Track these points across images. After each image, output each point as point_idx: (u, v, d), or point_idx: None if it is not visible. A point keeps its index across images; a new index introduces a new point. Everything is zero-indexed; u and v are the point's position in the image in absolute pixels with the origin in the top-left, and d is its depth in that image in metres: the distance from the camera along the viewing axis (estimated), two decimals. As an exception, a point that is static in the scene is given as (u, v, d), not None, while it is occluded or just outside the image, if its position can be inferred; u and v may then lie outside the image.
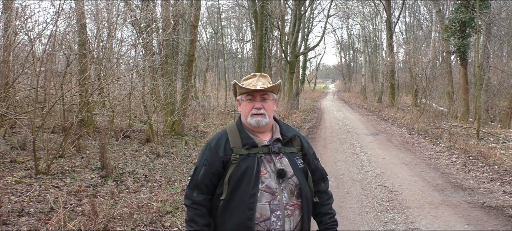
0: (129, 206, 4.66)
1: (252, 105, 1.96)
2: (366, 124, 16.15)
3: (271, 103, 2.00)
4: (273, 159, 1.91)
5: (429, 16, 29.92)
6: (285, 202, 1.86)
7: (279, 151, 1.94)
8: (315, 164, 2.09)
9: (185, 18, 14.71)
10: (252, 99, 1.97)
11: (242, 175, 1.85)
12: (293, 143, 2.03)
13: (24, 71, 6.92)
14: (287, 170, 1.89)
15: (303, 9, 23.61)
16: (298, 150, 2.02)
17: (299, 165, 1.96)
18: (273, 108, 2.02)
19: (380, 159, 8.56)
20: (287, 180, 1.88)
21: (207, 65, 30.56)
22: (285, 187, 1.87)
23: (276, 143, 1.97)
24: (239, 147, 1.91)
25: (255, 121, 1.94)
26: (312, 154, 2.09)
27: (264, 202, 1.83)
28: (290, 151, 1.98)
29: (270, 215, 1.83)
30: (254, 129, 1.98)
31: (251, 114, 1.95)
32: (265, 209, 1.83)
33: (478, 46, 13.44)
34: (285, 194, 1.87)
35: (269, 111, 1.97)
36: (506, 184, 6.47)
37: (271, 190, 1.85)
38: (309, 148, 2.08)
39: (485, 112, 15.76)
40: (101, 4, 11.56)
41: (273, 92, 2.02)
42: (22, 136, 7.52)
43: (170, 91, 10.74)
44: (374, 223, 4.78)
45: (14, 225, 3.90)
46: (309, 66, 52.99)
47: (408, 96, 29.19)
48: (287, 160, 1.93)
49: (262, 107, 1.95)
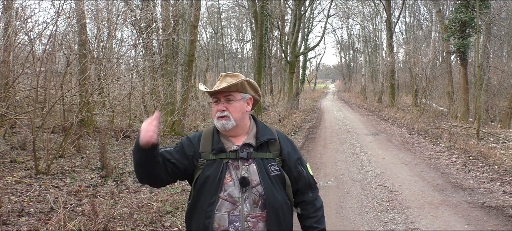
0: (129, 206, 4.66)
1: (217, 108, 1.84)
2: (366, 124, 16.15)
3: (239, 104, 1.84)
4: (240, 165, 1.78)
5: (429, 16, 29.95)
6: (246, 213, 1.72)
7: (248, 157, 1.79)
8: (299, 171, 1.88)
9: (185, 18, 14.69)
10: (217, 102, 1.85)
11: (204, 181, 1.76)
12: (270, 147, 1.85)
13: (24, 71, 6.92)
14: (252, 178, 1.75)
15: (303, 9, 23.61)
16: (276, 155, 1.84)
17: (271, 172, 1.79)
18: (244, 109, 1.86)
19: (380, 159, 8.56)
20: (250, 189, 1.74)
21: (207, 65, 30.56)
22: (248, 197, 1.74)
23: (246, 148, 1.82)
24: (208, 152, 1.82)
25: (220, 124, 1.81)
26: (295, 159, 1.89)
27: (223, 212, 1.72)
28: (262, 156, 1.81)
29: (228, 226, 1.71)
30: (225, 133, 1.85)
31: (217, 117, 1.83)
32: (224, 219, 1.72)
33: (478, 46, 13.44)
34: (247, 204, 1.73)
35: (234, 112, 1.81)
36: (506, 184, 6.47)
37: (232, 199, 1.74)
38: (292, 153, 1.89)
39: (485, 112, 15.76)
40: (101, 4, 11.58)
41: (239, 91, 1.85)
42: (22, 136, 7.52)
43: (170, 91, 10.74)
44: (374, 223, 4.78)
45: (14, 225, 3.90)
46: (309, 66, 53.03)
47: (408, 96, 29.19)
48: (255, 167, 1.78)
49: (225, 108, 1.81)
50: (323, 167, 7.82)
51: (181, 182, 6.13)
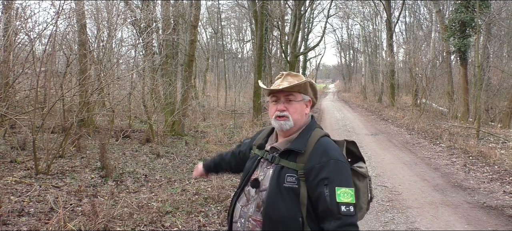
0: (129, 206, 4.66)
1: (276, 107, 1.83)
2: (366, 124, 16.15)
3: (298, 104, 1.82)
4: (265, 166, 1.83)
5: (429, 16, 29.91)
6: (250, 214, 1.77)
7: (272, 161, 1.80)
8: (320, 192, 1.64)
9: (185, 18, 14.71)
10: (276, 101, 1.84)
11: (243, 171, 1.95)
12: (297, 157, 1.72)
13: (24, 71, 6.92)
14: (263, 182, 1.77)
15: (303, 9, 23.61)
16: (301, 167, 1.69)
17: (286, 183, 1.68)
18: (304, 111, 1.85)
19: (380, 159, 8.56)
20: (259, 192, 1.76)
21: (207, 65, 30.55)
22: (255, 199, 1.77)
23: (273, 151, 1.83)
24: (256, 146, 1.97)
25: (278, 124, 1.82)
26: (321, 179, 1.65)
27: (240, 204, 1.84)
28: (284, 164, 1.73)
29: (237, 219, 1.82)
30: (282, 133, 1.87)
31: (275, 116, 1.82)
32: (237, 211, 1.83)
33: (478, 46, 13.44)
34: (253, 206, 1.77)
35: (294, 113, 1.80)
36: (506, 184, 6.47)
37: (248, 196, 1.82)
38: (320, 171, 1.66)
39: (485, 112, 15.76)
40: (101, 4, 11.57)
41: (301, 92, 1.83)
42: (22, 136, 7.52)
43: (170, 91, 10.75)
44: (374, 223, 4.78)
45: (14, 225, 3.90)
46: (309, 66, 52.93)
47: (408, 96, 29.18)
48: (271, 173, 1.75)
49: (285, 109, 1.80)
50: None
51: (181, 182, 6.13)
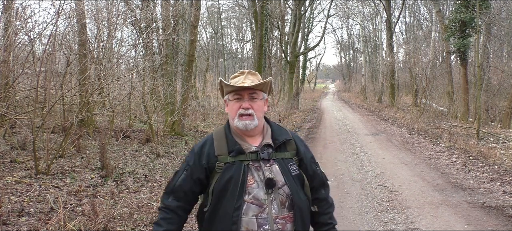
0: (129, 206, 4.66)
1: (239, 105, 1.77)
2: (366, 124, 16.15)
3: (261, 103, 1.82)
4: (262, 166, 1.73)
5: (429, 16, 29.91)
6: (275, 215, 1.68)
7: (269, 158, 1.75)
8: (314, 169, 1.88)
9: (185, 18, 14.70)
10: (239, 99, 1.79)
11: (225, 185, 1.69)
12: (287, 147, 1.83)
13: (24, 71, 6.92)
14: (277, 179, 1.71)
15: (303, 9, 23.62)
16: (293, 155, 1.82)
17: (292, 172, 1.77)
18: (264, 109, 1.84)
19: (380, 159, 8.56)
20: (277, 190, 1.70)
21: (207, 65, 30.55)
22: (275, 198, 1.69)
23: (266, 149, 1.78)
24: (224, 154, 1.75)
25: (242, 124, 1.76)
26: (310, 158, 1.89)
27: (250, 216, 1.66)
28: (282, 156, 1.78)
29: (257, 229, 1.65)
30: (242, 133, 1.80)
31: (239, 115, 1.77)
32: (252, 223, 1.66)
33: (478, 46, 13.44)
34: (275, 206, 1.69)
35: (258, 112, 1.79)
36: (506, 184, 6.47)
37: (259, 201, 1.68)
38: (306, 152, 1.89)
39: (485, 112, 15.76)
40: (101, 4, 11.57)
41: (263, 91, 1.83)
42: (22, 136, 7.52)
43: (170, 91, 10.75)
44: (374, 223, 4.78)
45: (14, 225, 3.90)
46: (309, 66, 53.02)
47: (408, 96, 29.19)
48: (278, 168, 1.75)
49: (250, 107, 1.76)
50: (323, 167, 7.79)
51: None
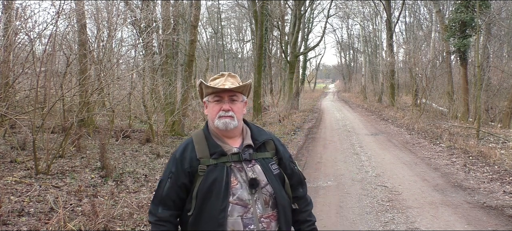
0: (129, 206, 4.66)
1: (220, 107, 1.80)
2: (366, 124, 16.15)
3: (241, 105, 1.85)
4: (244, 167, 1.76)
5: (429, 16, 29.91)
6: (260, 215, 1.72)
7: (250, 158, 1.79)
8: (292, 168, 1.93)
9: (185, 18, 14.69)
10: (219, 100, 1.81)
11: (210, 187, 1.71)
12: (267, 147, 1.87)
13: (24, 71, 6.92)
14: (260, 178, 1.75)
15: (303, 9, 23.62)
16: (272, 154, 1.87)
17: (274, 171, 1.82)
18: (243, 111, 1.88)
19: (380, 159, 8.56)
20: (260, 190, 1.74)
21: (207, 65, 30.55)
22: (259, 198, 1.73)
23: (247, 149, 1.81)
24: (206, 157, 1.76)
25: (222, 123, 1.78)
26: (288, 157, 1.95)
27: (236, 216, 1.69)
28: (263, 156, 1.83)
29: (243, 230, 1.69)
30: (222, 134, 1.83)
31: (218, 116, 1.79)
32: (238, 224, 1.69)
33: (478, 46, 13.44)
34: (259, 205, 1.73)
35: (238, 113, 1.82)
36: (506, 184, 6.47)
37: (243, 202, 1.71)
38: (285, 151, 1.95)
39: (485, 112, 15.76)
40: (101, 4, 11.57)
41: (242, 93, 1.87)
42: (22, 136, 7.52)
43: (170, 91, 10.75)
44: (374, 223, 4.78)
45: (14, 225, 3.90)
46: (309, 66, 52.98)
47: (408, 96, 29.19)
48: (260, 167, 1.78)
49: (230, 109, 1.79)
50: (323, 167, 7.82)
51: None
